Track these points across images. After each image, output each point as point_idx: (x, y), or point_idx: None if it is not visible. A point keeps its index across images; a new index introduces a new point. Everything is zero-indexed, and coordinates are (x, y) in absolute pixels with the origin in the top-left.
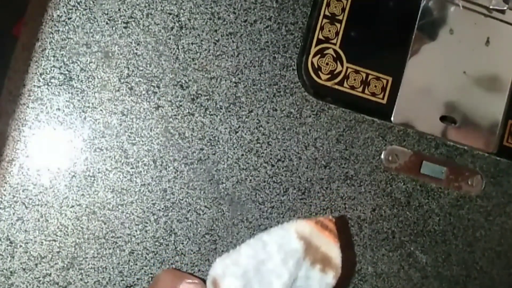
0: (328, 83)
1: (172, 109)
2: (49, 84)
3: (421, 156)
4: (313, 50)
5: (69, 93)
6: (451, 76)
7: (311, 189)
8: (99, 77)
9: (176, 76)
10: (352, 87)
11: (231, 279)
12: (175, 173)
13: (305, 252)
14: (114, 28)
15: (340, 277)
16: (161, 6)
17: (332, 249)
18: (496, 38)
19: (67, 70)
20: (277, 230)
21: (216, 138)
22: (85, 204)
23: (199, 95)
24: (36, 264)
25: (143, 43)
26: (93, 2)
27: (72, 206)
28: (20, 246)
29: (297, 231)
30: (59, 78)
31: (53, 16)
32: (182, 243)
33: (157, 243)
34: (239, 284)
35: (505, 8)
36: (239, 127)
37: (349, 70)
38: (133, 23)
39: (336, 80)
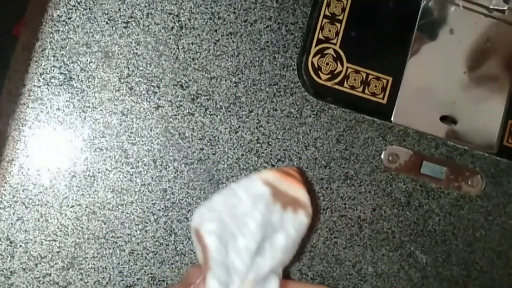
0: (328, 83)
1: (172, 109)
2: (49, 84)
3: (421, 156)
4: (313, 50)
5: (69, 93)
6: (451, 76)
7: (311, 189)
8: (99, 77)
9: (176, 76)
10: (352, 87)
11: (209, 224)
12: (175, 173)
13: (273, 197)
14: (114, 28)
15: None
16: (161, 6)
17: (299, 191)
18: (496, 38)
19: (67, 70)
20: (243, 179)
21: (216, 138)
22: (85, 204)
23: (199, 95)
24: (36, 264)
25: (143, 43)
26: (93, 2)
27: (72, 206)
28: (20, 246)
29: (261, 178)
30: (59, 78)
31: (53, 16)
32: (182, 243)
33: (157, 243)
34: (217, 227)
35: (505, 8)
36: (239, 127)
37: (349, 70)
38: (133, 23)
39: (336, 80)
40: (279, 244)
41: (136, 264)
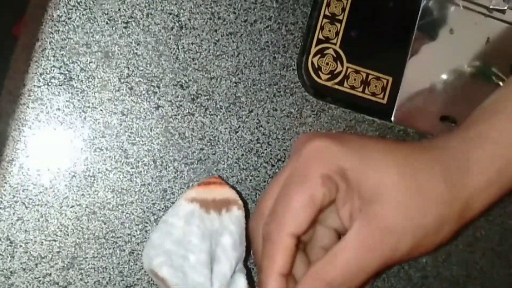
0: (328, 83)
1: (172, 109)
2: (49, 84)
3: None
4: (313, 50)
5: (69, 93)
6: (451, 76)
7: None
8: (99, 77)
9: (176, 76)
10: (352, 87)
11: (156, 259)
12: (175, 173)
13: (204, 208)
14: (114, 28)
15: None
16: (161, 6)
17: (225, 192)
18: (496, 38)
19: (67, 70)
20: (170, 208)
21: (216, 138)
22: (85, 204)
23: (199, 95)
24: (36, 264)
25: (143, 43)
26: (93, 2)
27: (72, 206)
28: (20, 246)
29: (186, 199)
30: (59, 78)
31: (53, 16)
32: None
33: None
34: (164, 258)
35: (505, 8)
36: (239, 127)
37: (349, 70)
38: (133, 23)
39: (336, 80)
40: (228, 244)
41: (136, 264)
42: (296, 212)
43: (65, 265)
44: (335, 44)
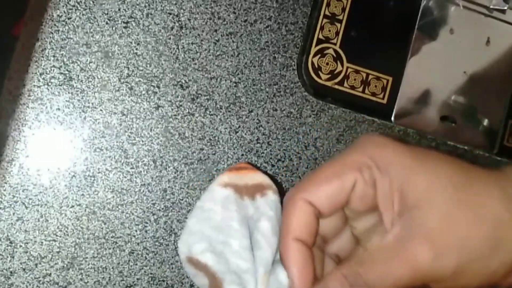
0: (328, 83)
1: (172, 109)
2: (49, 84)
3: None
4: (313, 50)
5: (69, 93)
6: (452, 76)
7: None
8: (99, 77)
9: (176, 76)
10: (352, 87)
11: (197, 246)
12: (175, 173)
13: (238, 194)
14: (114, 28)
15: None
16: (161, 6)
17: (257, 177)
18: (496, 38)
19: (67, 70)
20: (204, 194)
21: (216, 138)
22: (85, 204)
23: (199, 95)
24: (36, 264)
25: (143, 43)
26: (93, 2)
27: (72, 206)
28: (20, 246)
29: (219, 184)
30: (59, 78)
31: (53, 16)
32: None
33: (157, 243)
34: (205, 244)
35: (505, 8)
36: (239, 127)
37: (349, 70)
38: (133, 23)
39: (336, 80)
40: (267, 229)
41: (136, 264)
42: (318, 180)
43: (65, 265)
44: (335, 44)
